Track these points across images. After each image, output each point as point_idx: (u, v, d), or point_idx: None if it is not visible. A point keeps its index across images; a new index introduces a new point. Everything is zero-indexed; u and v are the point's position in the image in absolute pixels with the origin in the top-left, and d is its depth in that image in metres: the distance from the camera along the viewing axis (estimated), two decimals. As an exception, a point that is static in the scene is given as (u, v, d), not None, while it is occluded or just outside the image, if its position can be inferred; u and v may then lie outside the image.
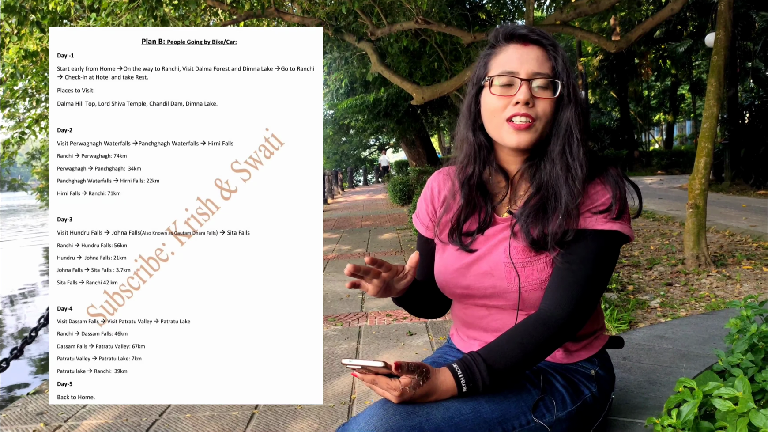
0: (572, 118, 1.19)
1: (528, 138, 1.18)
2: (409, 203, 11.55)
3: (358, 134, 21.04)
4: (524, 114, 1.17)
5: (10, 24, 6.09)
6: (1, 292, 8.82)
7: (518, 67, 1.18)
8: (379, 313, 3.91)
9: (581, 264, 1.16)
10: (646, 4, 16.34)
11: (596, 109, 25.54)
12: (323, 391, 2.55)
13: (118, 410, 2.47)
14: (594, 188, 1.19)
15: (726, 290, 3.89)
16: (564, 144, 1.19)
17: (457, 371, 1.09)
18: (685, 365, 2.01)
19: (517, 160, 1.25)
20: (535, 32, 1.21)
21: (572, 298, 1.15)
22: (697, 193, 4.54)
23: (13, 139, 7.58)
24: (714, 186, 11.67)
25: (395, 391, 1.04)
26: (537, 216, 1.19)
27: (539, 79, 1.18)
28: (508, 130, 1.19)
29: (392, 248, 6.83)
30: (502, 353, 1.11)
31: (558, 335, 1.15)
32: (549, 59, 1.19)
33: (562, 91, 1.18)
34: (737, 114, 13.24)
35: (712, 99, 4.54)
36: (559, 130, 1.19)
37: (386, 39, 8.65)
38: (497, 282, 1.23)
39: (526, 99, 1.16)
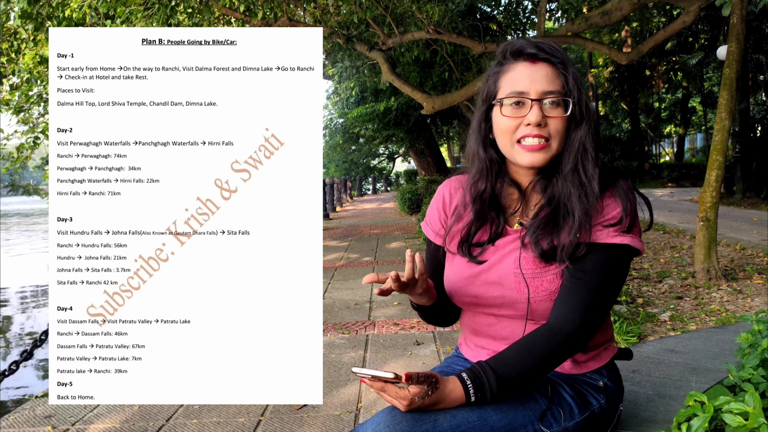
0: (585, 135, 1.18)
1: (542, 158, 1.18)
2: (417, 212, 11.55)
3: (368, 143, 21.09)
4: (536, 135, 1.16)
5: (27, 30, 6.18)
6: (12, 294, 8.89)
7: (528, 86, 1.17)
8: (386, 321, 3.90)
9: (591, 277, 1.16)
10: (658, 16, 16.32)
11: (607, 120, 25.45)
12: (330, 399, 2.55)
13: (125, 415, 2.48)
14: (605, 201, 1.18)
15: (737, 304, 3.85)
16: (577, 161, 1.18)
17: (466, 381, 1.09)
18: (695, 379, 1.99)
19: (528, 173, 1.25)
20: (543, 49, 1.18)
21: (582, 311, 1.15)
22: (708, 206, 4.51)
23: (27, 143, 7.67)
24: (725, 199, 11.57)
25: (404, 400, 1.05)
26: (547, 228, 1.19)
27: (549, 97, 1.16)
28: (520, 151, 1.18)
29: (400, 257, 6.82)
30: (511, 364, 1.11)
31: (567, 347, 1.15)
32: (559, 76, 1.17)
33: (574, 108, 1.17)
34: (749, 127, 13.15)
35: (724, 112, 4.52)
36: (572, 147, 1.18)
37: (397, 48, 8.69)
38: (506, 292, 1.23)
39: (537, 120, 1.15)
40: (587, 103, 1.19)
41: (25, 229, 21.54)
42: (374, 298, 4.65)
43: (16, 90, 7.15)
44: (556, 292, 1.19)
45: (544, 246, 1.18)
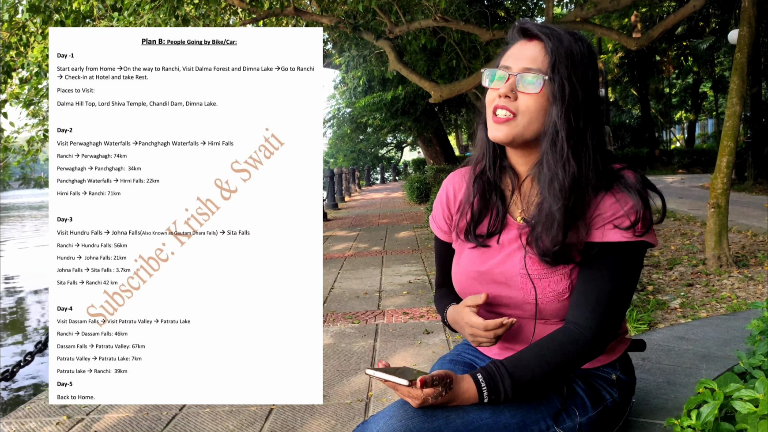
0: (559, 116, 1.12)
1: (505, 131, 1.15)
2: (426, 201, 11.53)
3: (376, 132, 21.02)
4: (503, 107, 1.15)
5: (35, 23, 6.20)
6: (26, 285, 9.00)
7: (513, 62, 1.17)
8: (396, 311, 3.91)
9: (608, 280, 1.14)
10: (668, 1, 16.11)
11: (617, 106, 25.25)
12: (340, 388, 2.57)
13: (139, 404, 2.51)
14: (610, 199, 1.15)
15: (748, 291, 3.82)
16: (548, 146, 1.14)
17: (481, 382, 1.08)
18: (705, 366, 1.99)
19: (523, 161, 1.23)
20: (542, 28, 1.17)
21: (601, 316, 1.13)
22: (719, 192, 4.47)
23: (37, 136, 7.73)
24: (736, 185, 11.46)
25: (416, 399, 1.04)
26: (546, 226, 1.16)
27: (527, 74, 1.14)
28: (491, 123, 1.18)
29: (409, 246, 6.83)
30: (527, 368, 1.10)
31: (586, 354, 1.14)
32: (546, 55, 1.15)
33: (547, 87, 1.13)
34: (761, 112, 12.99)
35: (735, 97, 4.47)
36: (545, 131, 1.15)
37: (404, 37, 8.64)
38: (513, 293, 1.21)
39: (504, 92, 1.15)
40: (570, 85, 1.12)
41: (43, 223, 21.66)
42: (383, 288, 4.67)
43: (25, 83, 7.19)
44: (564, 292, 1.17)
45: (546, 246, 1.15)
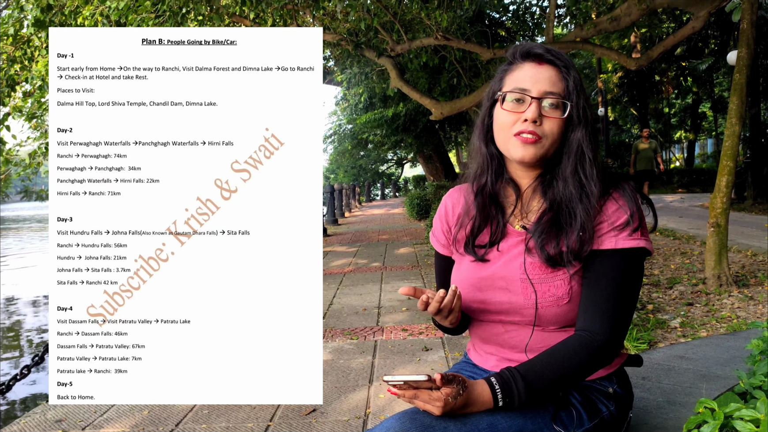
0: (583, 137, 1.21)
1: (533, 152, 1.20)
2: (426, 218, 11.53)
3: (377, 149, 21.10)
4: (531, 132, 1.20)
5: (40, 38, 6.26)
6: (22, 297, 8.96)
7: (531, 85, 1.21)
8: (395, 327, 3.90)
9: (615, 285, 1.17)
10: (667, 22, 16.26)
11: (616, 126, 25.35)
12: (338, 405, 2.55)
13: (135, 419, 2.49)
14: (613, 206, 1.20)
15: (748, 311, 3.81)
16: (576, 163, 1.21)
17: (495, 385, 1.10)
18: (705, 386, 1.98)
19: (527, 175, 1.28)
20: (550, 52, 1.23)
21: (612, 321, 1.16)
22: (718, 211, 4.48)
23: (40, 150, 7.76)
24: (736, 205, 11.48)
25: (438, 402, 1.05)
26: (551, 232, 1.21)
27: (549, 98, 1.20)
28: (515, 143, 1.21)
29: (409, 263, 6.82)
30: (541, 372, 1.12)
31: (599, 358, 1.16)
32: (561, 80, 1.22)
33: (572, 111, 1.21)
34: (760, 132, 13.05)
35: (734, 117, 4.49)
36: (570, 149, 1.22)
37: (406, 55, 8.70)
38: (513, 297, 1.23)
39: (534, 117, 1.19)
40: (586, 108, 1.23)
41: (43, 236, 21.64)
42: (383, 304, 4.65)
43: (29, 97, 7.24)
44: (564, 297, 1.20)
45: (550, 251, 1.19)
